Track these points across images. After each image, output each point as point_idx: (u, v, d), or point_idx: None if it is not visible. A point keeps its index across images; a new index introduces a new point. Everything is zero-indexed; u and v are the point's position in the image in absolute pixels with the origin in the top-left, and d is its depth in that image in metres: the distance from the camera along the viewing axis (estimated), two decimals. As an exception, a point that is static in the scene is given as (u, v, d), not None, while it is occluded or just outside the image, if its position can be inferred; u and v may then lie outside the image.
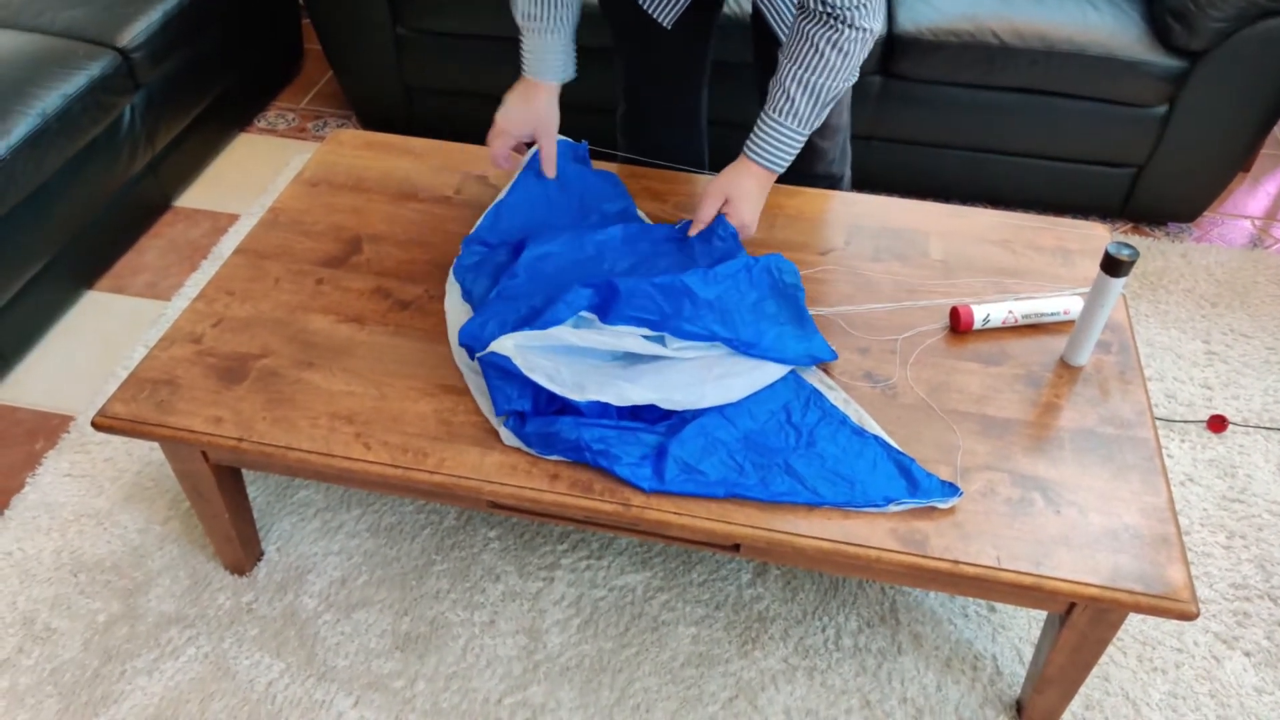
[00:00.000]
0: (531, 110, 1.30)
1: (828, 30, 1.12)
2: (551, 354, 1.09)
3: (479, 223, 1.33)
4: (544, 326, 1.10)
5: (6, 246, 1.62)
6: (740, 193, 1.24)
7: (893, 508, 1.02)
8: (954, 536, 1.00)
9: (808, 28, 1.14)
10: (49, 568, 1.39)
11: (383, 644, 1.29)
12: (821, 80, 1.15)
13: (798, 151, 1.22)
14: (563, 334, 1.09)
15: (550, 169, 1.34)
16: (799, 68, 1.15)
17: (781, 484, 1.03)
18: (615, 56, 1.49)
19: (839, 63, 1.14)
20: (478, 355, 1.10)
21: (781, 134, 1.20)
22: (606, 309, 1.13)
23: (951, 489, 1.04)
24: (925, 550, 0.99)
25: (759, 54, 1.47)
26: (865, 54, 1.16)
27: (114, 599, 1.35)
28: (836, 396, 1.14)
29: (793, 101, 1.17)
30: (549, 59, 1.27)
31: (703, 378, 1.11)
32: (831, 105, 1.19)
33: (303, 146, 2.27)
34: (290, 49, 2.48)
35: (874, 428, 1.10)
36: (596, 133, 2.01)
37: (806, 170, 1.48)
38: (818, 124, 1.20)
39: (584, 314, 1.13)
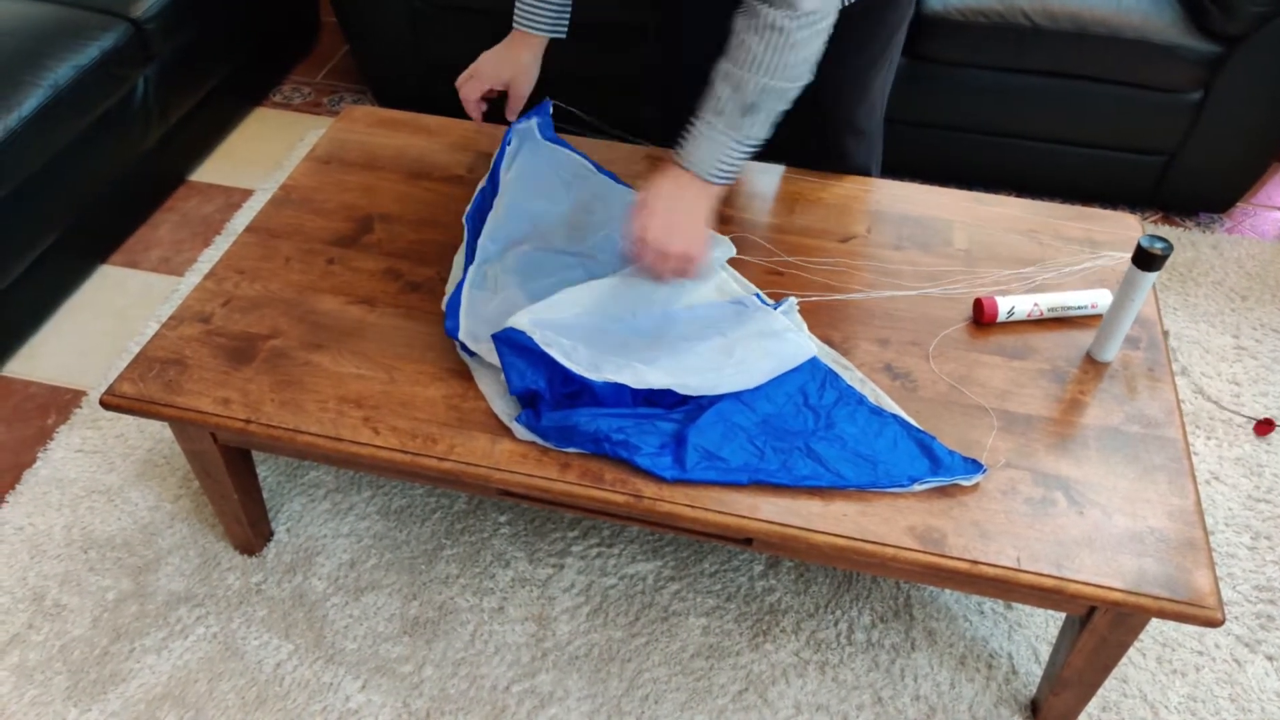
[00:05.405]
0: (512, 57, 1.27)
1: (749, 17, 1.00)
2: (569, 331, 1.07)
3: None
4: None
5: (19, 220, 1.61)
6: (656, 194, 1.07)
7: (917, 487, 1.01)
8: (973, 535, 0.98)
9: (737, 22, 1.02)
10: (59, 544, 1.38)
11: (391, 628, 1.29)
12: (743, 73, 1.00)
13: (732, 161, 1.06)
14: (571, 295, 1.10)
15: (513, 115, 1.32)
16: (726, 61, 1.02)
17: (804, 467, 1.02)
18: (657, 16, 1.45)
19: (761, 53, 0.99)
20: (492, 334, 1.08)
21: (703, 130, 1.05)
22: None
23: (975, 466, 1.02)
24: (943, 549, 0.96)
25: None
26: (790, 47, 0.99)
27: (124, 576, 1.34)
28: (852, 376, 1.12)
29: (717, 95, 1.03)
30: (541, 10, 1.24)
31: (720, 363, 1.09)
32: (767, 113, 1.03)
33: (318, 122, 2.24)
34: (306, 21, 2.45)
35: (892, 406, 1.09)
36: (612, 114, 1.98)
37: (829, 165, 1.43)
38: (755, 133, 1.04)
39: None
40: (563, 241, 1.24)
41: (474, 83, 1.28)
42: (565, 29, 1.28)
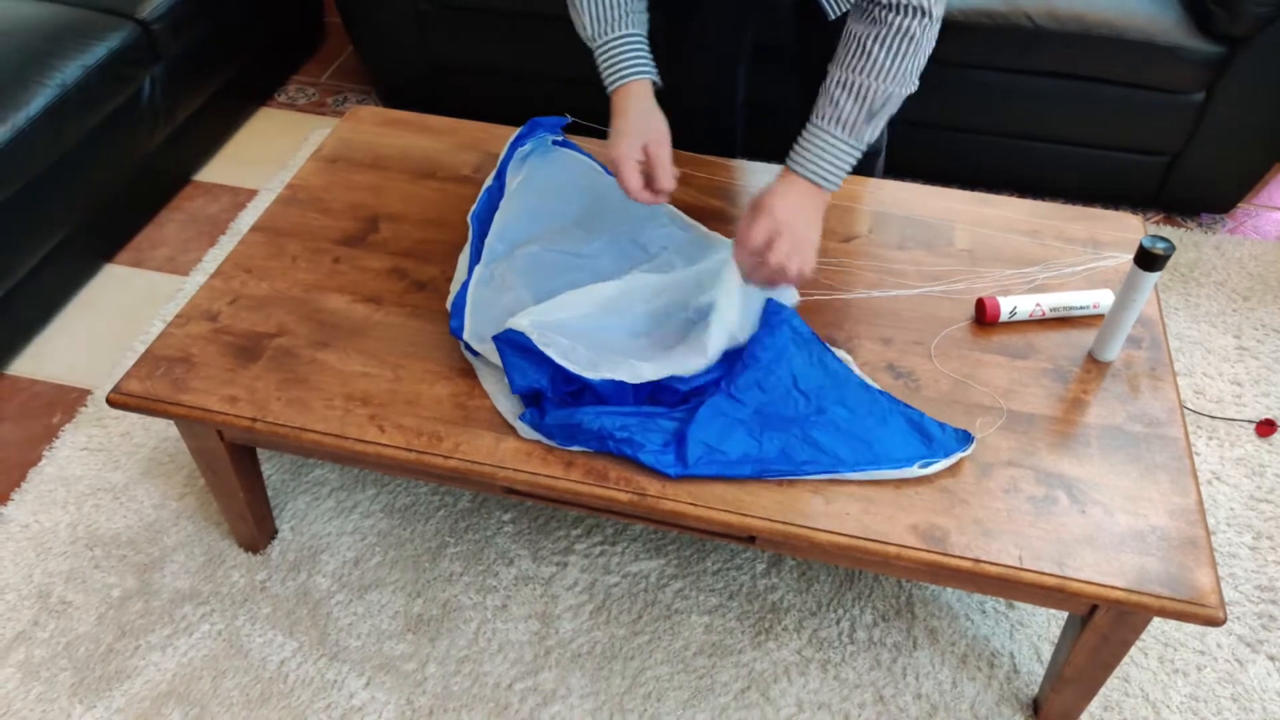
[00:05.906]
0: (628, 121, 1.11)
1: (874, 25, 1.01)
2: (568, 331, 1.08)
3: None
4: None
5: (26, 219, 1.62)
6: (785, 208, 1.05)
7: (917, 469, 1.02)
8: (975, 534, 0.98)
9: (855, 28, 1.04)
10: (65, 541, 1.39)
11: (395, 626, 1.29)
12: (871, 81, 1.02)
13: (848, 167, 1.07)
14: (575, 298, 1.10)
15: (667, 181, 1.12)
16: (843, 70, 1.04)
17: (803, 453, 1.03)
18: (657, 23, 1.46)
19: (890, 61, 1.01)
20: (493, 335, 1.09)
21: (825, 141, 1.05)
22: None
23: (966, 436, 1.05)
24: (946, 548, 0.97)
25: (803, 34, 1.43)
26: (919, 53, 1.02)
27: (129, 574, 1.35)
28: (840, 353, 1.14)
29: (836, 104, 1.04)
30: (623, 58, 1.12)
31: (717, 338, 1.10)
32: (884, 114, 1.05)
33: (322, 122, 2.25)
34: (312, 21, 2.46)
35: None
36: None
37: None
38: (870, 136, 1.06)
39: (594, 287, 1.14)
40: (571, 243, 1.25)
41: (626, 169, 1.11)
42: (656, 74, 1.15)
